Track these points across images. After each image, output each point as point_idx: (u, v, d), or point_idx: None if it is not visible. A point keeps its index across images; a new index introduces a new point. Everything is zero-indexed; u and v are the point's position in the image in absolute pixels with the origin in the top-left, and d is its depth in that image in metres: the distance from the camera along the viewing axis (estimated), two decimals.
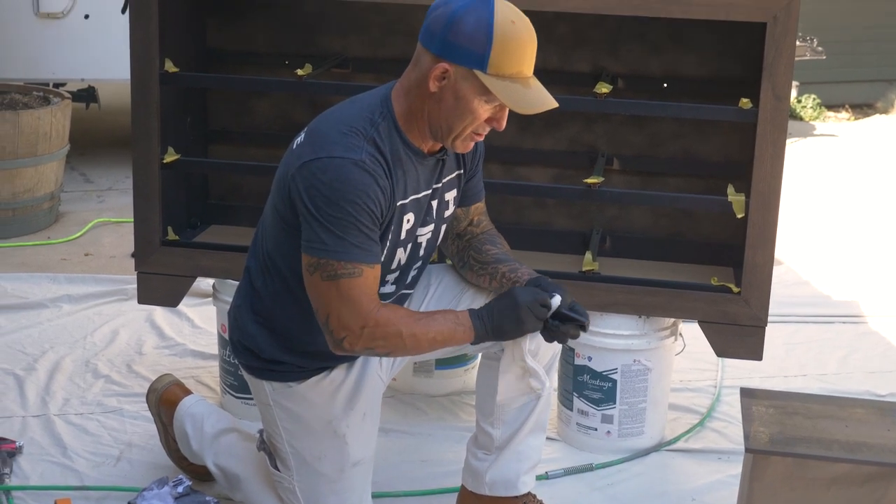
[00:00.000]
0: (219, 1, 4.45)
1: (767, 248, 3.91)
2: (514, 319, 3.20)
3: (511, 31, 3.01)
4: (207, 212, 4.62)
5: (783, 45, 3.77)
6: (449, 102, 3.07)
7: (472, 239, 3.52)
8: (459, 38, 3.01)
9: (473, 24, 3.00)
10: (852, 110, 11.65)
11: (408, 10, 4.38)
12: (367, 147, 3.06)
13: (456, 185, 3.39)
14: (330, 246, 3.05)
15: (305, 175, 3.06)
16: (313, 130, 3.17)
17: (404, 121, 3.15)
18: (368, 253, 3.07)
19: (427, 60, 3.07)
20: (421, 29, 3.10)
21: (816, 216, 7.63)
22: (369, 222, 3.05)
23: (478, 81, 3.03)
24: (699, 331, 4.07)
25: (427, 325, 3.16)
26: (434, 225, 3.35)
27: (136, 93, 4.12)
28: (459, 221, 3.51)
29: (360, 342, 3.12)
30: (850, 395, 4.57)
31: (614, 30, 4.33)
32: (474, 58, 3.01)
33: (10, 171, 6.41)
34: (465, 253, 3.51)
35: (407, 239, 3.26)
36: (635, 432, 4.19)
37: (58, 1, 7.64)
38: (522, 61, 3.05)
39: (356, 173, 3.02)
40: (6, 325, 5.20)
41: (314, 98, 4.54)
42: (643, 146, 4.41)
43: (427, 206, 3.28)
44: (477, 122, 3.10)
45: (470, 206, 3.51)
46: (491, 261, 3.45)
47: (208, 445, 3.75)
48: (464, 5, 3.03)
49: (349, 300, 3.07)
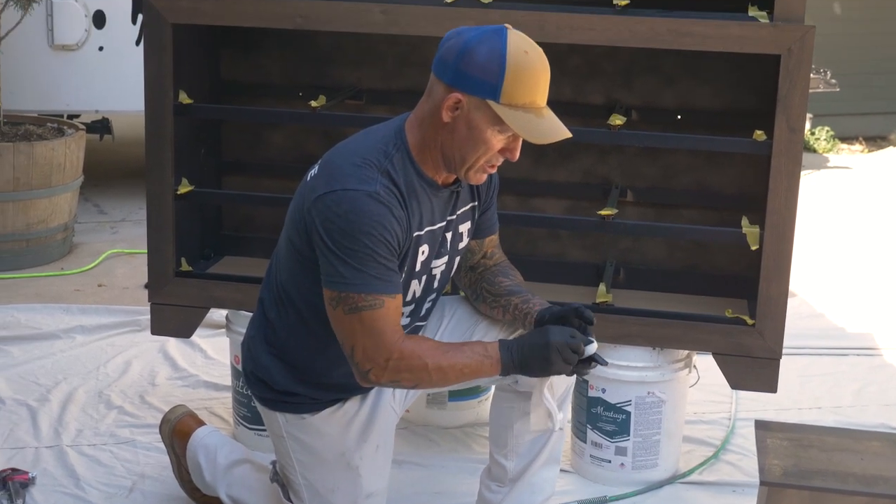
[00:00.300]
0: (233, 33, 4.46)
1: (782, 281, 3.90)
2: (543, 359, 3.14)
3: (524, 61, 3.01)
4: (221, 243, 4.63)
5: (797, 77, 3.76)
6: (462, 133, 3.06)
7: (485, 271, 3.51)
8: (472, 69, 3.00)
9: (486, 53, 3.00)
10: (866, 142, 11.65)
11: (421, 42, 4.39)
12: (381, 179, 3.06)
13: (470, 217, 3.38)
14: (349, 279, 3.03)
15: (320, 208, 3.05)
16: (327, 163, 3.16)
17: (418, 152, 3.14)
18: (388, 283, 3.06)
19: (440, 91, 3.07)
20: (434, 60, 3.10)
21: (831, 248, 7.62)
22: (387, 253, 3.04)
23: (491, 111, 3.02)
24: (713, 362, 4.05)
25: (454, 357, 3.13)
26: (448, 257, 3.34)
27: (150, 124, 4.13)
28: (473, 254, 3.50)
29: (386, 374, 3.09)
30: (866, 427, 4.54)
31: (628, 61, 4.34)
32: (487, 88, 3.00)
33: (25, 203, 6.42)
34: (477, 285, 3.50)
35: (422, 271, 3.25)
36: (649, 464, 4.17)
37: (72, 33, 7.67)
38: (535, 91, 3.04)
39: (371, 205, 3.01)
40: (19, 356, 5.20)
41: (328, 130, 4.55)
42: (657, 178, 4.41)
43: (441, 237, 3.27)
44: (490, 153, 3.09)
45: (484, 239, 3.49)
46: (503, 293, 3.43)
47: (221, 477, 3.74)
48: (476, 36, 3.03)
49: (372, 332, 3.06)
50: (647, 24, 3.82)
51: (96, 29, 7.69)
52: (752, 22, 3.77)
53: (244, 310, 4.21)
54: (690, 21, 3.81)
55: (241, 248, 4.62)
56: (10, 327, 5.52)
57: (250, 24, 4.03)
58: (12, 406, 4.68)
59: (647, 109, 4.37)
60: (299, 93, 4.51)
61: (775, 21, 3.75)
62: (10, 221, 6.41)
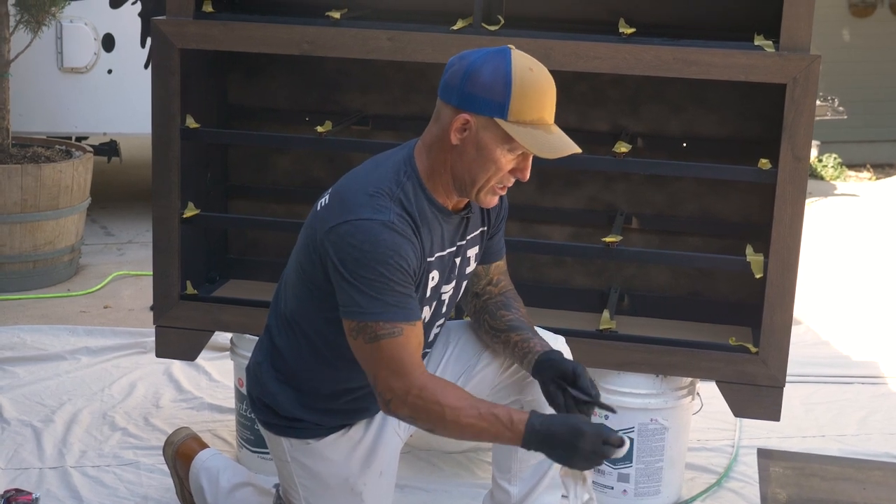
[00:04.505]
0: (241, 58, 4.48)
1: (786, 309, 3.90)
2: (569, 453, 3.01)
3: (530, 77, 3.02)
4: (226, 266, 4.64)
5: (803, 106, 3.77)
6: (471, 154, 3.06)
7: (489, 301, 3.49)
8: (478, 89, 3.01)
9: (491, 73, 3.01)
10: (873, 170, 11.67)
11: (427, 68, 4.41)
12: (394, 208, 3.05)
13: (478, 243, 3.38)
14: (366, 308, 3.02)
15: (334, 239, 3.05)
16: (338, 192, 3.16)
17: (428, 178, 3.14)
18: (407, 311, 3.04)
19: (447, 114, 3.07)
20: (440, 84, 3.11)
21: (837, 276, 7.61)
22: (403, 280, 3.03)
23: (499, 130, 3.02)
24: (716, 389, 4.06)
25: (474, 418, 3.02)
26: (456, 282, 3.34)
27: (157, 148, 4.15)
28: (479, 279, 3.49)
29: (406, 409, 3.05)
30: (869, 456, 4.54)
31: (634, 89, 4.35)
32: (494, 106, 3.00)
33: (32, 224, 6.44)
34: (480, 315, 3.49)
35: (432, 297, 3.25)
36: (652, 492, 4.17)
37: (82, 56, 7.70)
38: (543, 107, 3.04)
39: (386, 234, 3.01)
40: (25, 377, 5.21)
41: (334, 155, 4.56)
42: (662, 205, 4.42)
43: (451, 263, 3.27)
44: (500, 173, 3.08)
45: (490, 265, 3.49)
46: (504, 328, 3.41)
47: (223, 500, 3.75)
48: (481, 57, 3.04)
49: (392, 360, 3.03)
50: (653, 53, 3.84)
51: (105, 52, 7.73)
52: (758, 51, 3.78)
53: (249, 333, 4.23)
54: (696, 49, 3.82)
55: (246, 272, 4.63)
56: (16, 348, 5.53)
57: (258, 49, 4.05)
58: (17, 427, 4.68)
59: (653, 137, 4.38)
60: (306, 118, 4.53)
61: (781, 50, 3.76)
62: (18, 243, 6.43)
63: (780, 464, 3.45)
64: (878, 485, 3.36)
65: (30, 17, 6.68)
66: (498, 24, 3.94)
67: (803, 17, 3.75)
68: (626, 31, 3.88)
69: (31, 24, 6.70)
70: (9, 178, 6.33)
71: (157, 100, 4.12)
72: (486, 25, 3.93)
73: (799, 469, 3.42)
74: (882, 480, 3.39)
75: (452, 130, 3.05)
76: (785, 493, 3.25)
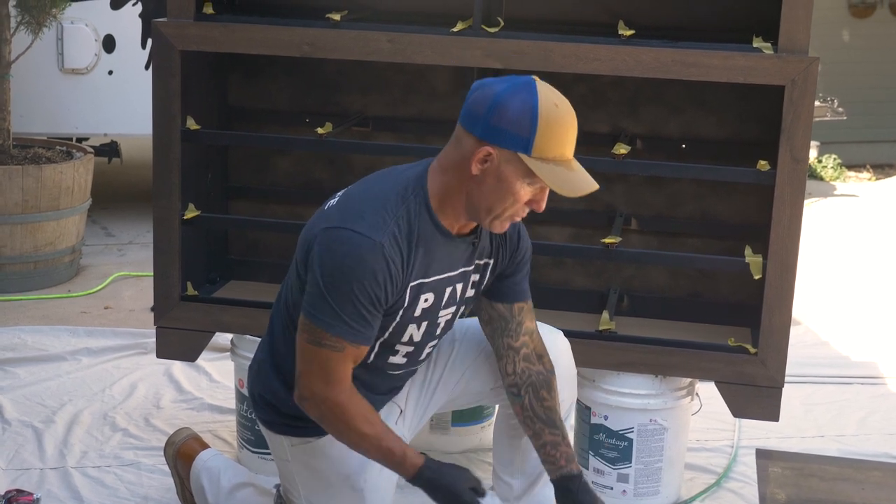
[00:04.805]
0: (241, 59, 4.49)
1: (784, 310, 3.91)
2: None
3: (555, 114, 3.02)
4: (227, 267, 4.65)
5: (801, 107, 3.78)
6: (491, 184, 3.06)
7: (531, 369, 3.43)
8: (504, 122, 3.01)
9: (518, 107, 3.00)
10: (873, 170, 11.68)
11: (427, 70, 4.42)
12: (392, 227, 3.07)
13: (482, 271, 3.36)
14: (323, 316, 3.08)
15: (324, 240, 3.09)
16: (347, 198, 3.19)
17: (437, 200, 3.14)
18: (358, 333, 3.10)
19: (469, 143, 3.06)
20: (461, 111, 3.10)
21: (836, 276, 7.62)
22: (368, 304, 3.07)
23: (522, 164, 3.02)
24: (716, 390, 4.06)
25: (370, 442, 3.17)
26: (455, 307, 3.35)
27: (157, 149, 4.15)
28: (506, 322, 3.44)
29: (315, 412, 3.17)
30: (868, 457, 4.54)
31: (633, 91, 4.36)
32: (519, 141, 3.00)
33: (33, 225, 6.45)
34: (523, 388, 3.43)
35: (423, 317, 3.26)
36: (651, 492, 4.18)
37: (82, 57, 7.71)
38: (565, 144, 3.05)
39: (371, 255, 3.03)
40: (26, 378, 5.22)
41: (334, 156, 4.57)
42: (661, 206, 4.43)
43: (452, 288, 3.28)
44: (517, 205, 3.09)
45: (512, 304, 3.44)
46: (542, 417, 3.40)
47: (224, 500, 3.76)
48: (507, 89, 3.03)
49: (324, 369, 3.12)
50: (653, 55, 3.84)
51: (106, 53, 7.74)
52: (757, 53, 3.79)
53: (249, 334, 4.23)
54: (695, 52, 3.83)
55: (247, 273, 4.64)
56: (17, 349, 5.54)
57: (258, 51, 4.06)
58: (18, 427, 4.69)
59: (652, 138, 4.39)
60: (306, 119, 4.53)
61: (780, 52, 3.77)
62: (18, 244, 6.44)
63: (779, 464, 3.46)
64: (877, 485, 3.37)
65: (31, 19, 6.69)
66: (498, 25, 3.95)
67: (802, 19, 3.76)
68: (625, 32, 3.89)
69: (31, 26, 6.71)
70: (9, 178, 6.34)
71: (157, 101, 4.13)
72: (486, 27, 3.94)
73: (798, 469, 3.43)
74: (881, 481, 3.40)
75: (474, 161, 3.05)
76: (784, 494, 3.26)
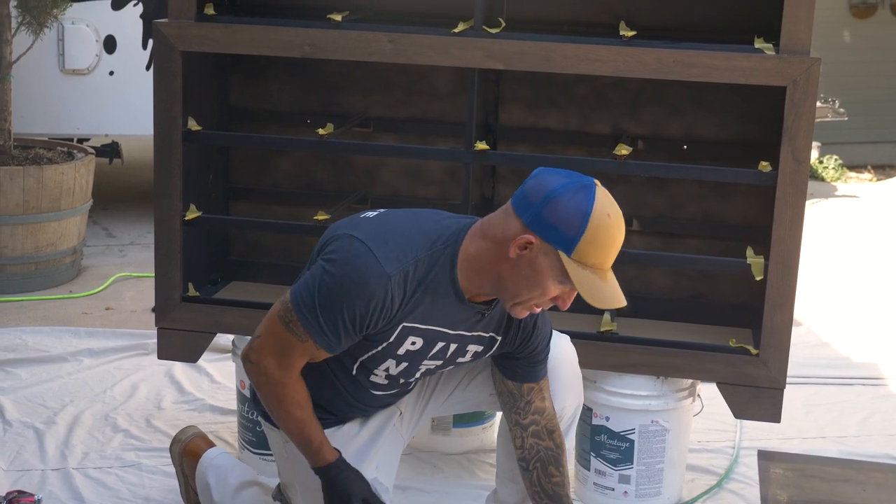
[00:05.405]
0: (242, 60, 4.49)
1: (786, 311, 3.91)
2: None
3: (605, 224, 3.00)
4: (228, 268, 4.65)
5: (803, 108, 3.78)
6: (524, 272, 3.04)
7: (540, 445, 3.46)
8: (554, 218, 2.99)
9: (572, 207, 2.99)
10: (874, 171, 11.68)
11: (429, 70, 4.42)
12: (408, 266, 3.07)
13: (485, 344, 3.34)
14: (304, 307, 3.09)
15: (342, 245, 3.09)
16: (383, 219, 3.19)
17: (465, 261, 3.13)
18: (326, 339, 3.11)
19: (515, 226, 3.04)
20: (517, 192, 3.08)
21: (838, 277, 7.62)
22: (350, 323, 3.08)
23: (559, 263, 3.01)
24: (717, 391, 4.06)
25: (297, 425, 3.24)
26: (442, 363, 3.34)
27: (158, 150, 4.15)
28: (514, 398, 3.45)
29: (255, 378, 3.22)
30: (870, 457, 4.54)
31: (635, 91, 4.36)
32: (563, 240, 2.99)
33: (34, 226, 6.45)
34: (532, 462, 3.46)
35: (406, 358, 3.26)
36: (652, 493, 4.18)
37: (83, 58, 7.71)
38: (607, 256, 3.03)
39: (374, 282, 3.03)
40: (27, 379, 5.22)
41: (335, 157, 4.57)
42: (663, 207, 4.43)
43: (446, 345, 3.27)
44: (543, 298, 3.07)
45: (522, 384, 3.44)
46: (550, 492, 3.45)
47: (230, 498, 3.76)
48: (567, 185, 3.02)
49: (281, 349, 3.16)
50: (654, 55, 3.84)
51: (107, 54, 7.74)
52: (758, 54, 3.79)
53: (251, 335, 4.22)
54: (697, 52, 3.82)
55: (248, 274, 4.64)
56: (18, 350, 5.54)
57: (259, 52, 4.05)
58: (19, 428, 4.69)
59: (654, 139, 4.39)
60: (307, 120, 4.53)
61: (781, 53, 3.77)
62: (20, 244, 6.44)
63: (780, 465, 3.45)
64: (879, 486, 3.37)
65: (31, 19, 6.69)
66: (499, 26, 3.95)
67: (803, 20, 3.76)
68: (626, 33, 3.89)
69: (32, 26, 6.71)
70: (10, 179, 6.34)
71: (158, 102, 4.13)
72: (488, 28, 3.94)
73: (799, 470, 3.43)
74: (882, 482, 3.40)
75: (514, 245, 3.03)
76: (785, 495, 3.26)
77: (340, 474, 3.25)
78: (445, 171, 4.51)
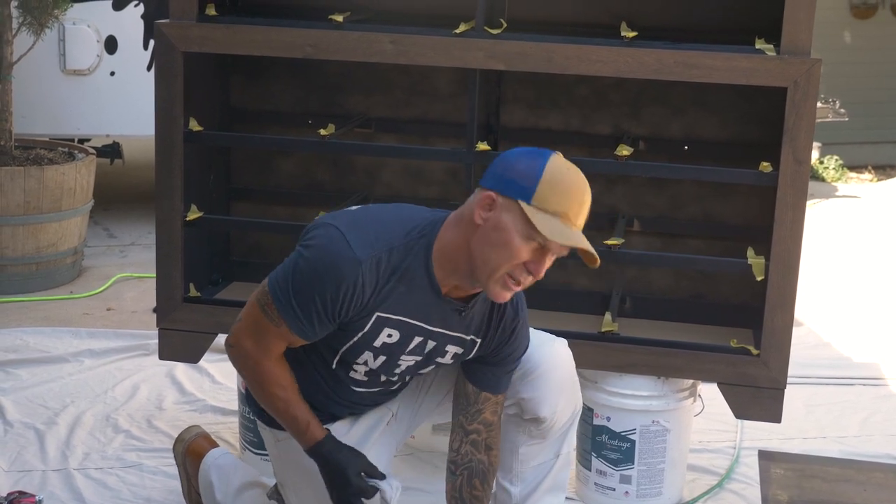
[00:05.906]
0: (243, 61, 4.49)
1: (787, 311, 3.91)
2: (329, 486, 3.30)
3: (563, 172, 3.04)
4: (229, 269, 4.65)
5: (804, 109, 3.78)
6: (491, 236, 3.04)
7: (473, 457, 3.45)
8: (511, 173, 3.04)
9: (528, 161, 3.04)
10: (875, 171, 11.68)
11: (430, 71, 4.42)
12: (380, 253, 3.08)
13: (465, 346, 3.33)
14: (280, 291, 3.12)
15: (318, 231, 3.12)
16: (364, 210, 3.23)
17: (440, 252, 3.14)
18: (300, 325, 3.13)
19: (477, 194, 3.09)
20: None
21: (838, 277, 7.62)
22: (321, 307, 3.09)
23: (522, 215, 3.01)
24: (718, 391, 4.06)
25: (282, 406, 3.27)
26: (421, 359, 3.33)
27: (159, 151, 4.15)
28: (467, 402, 3.43)
29: (236, 363, 3.29)
30: (870, 458, 4.54)
31: (635, 92, 4.36)
32: (521, 189, 3.01)
33: (35, 226, 6.45)
34: (461, 468, 3.46)
35: (384, 350, 3.25)
36: (653, 493, 4.18)
37: (84, 58, 7.72)
38: (570, 203, 3.02)
39: (344, 266, 3.05)
40: (28, 379, 5.22)
41: (337, 157, 4.57)
42: (664, 208, 4.43)
43: (423, 341, 3.26)
44: (514, 261, 3.04)
45: (480, 392, 3.42)
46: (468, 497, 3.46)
47: (232, 498, 3.77)
48: (524, 150, 3.11)
49: (257, 332, 3.19)
50: (655, 56, 3.84)
51: (108, 54, 7.74)
52: (759, 55, 3.79)
53: None
54: (698, 53, 3.83)
55: (249, 274, 4.63)
56: (19, 350, 5.54)
57: (260, 52, 4.06)
58: (20, 429, 4.70)
59: (655, 140, 4.39)
60: (309, 121, 4.53)
61: (782, 54, 3.77)
62: (20, 245, 6.44)
63: (781, 465, 3.45)
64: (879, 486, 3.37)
65: (32, 20, 6.69)
66: (500, 27, 3.95)
67: (804, 21, 3.76)
68: (627, 34, 3.89)
69: (33, 27, 6.71)
70: (11, 180, 6.34)
71: (160, 102, 4.13)
72: (489, 29, 3.94)
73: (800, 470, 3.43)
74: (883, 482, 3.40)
75: (478, 208, 3.06)
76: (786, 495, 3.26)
77: (333, 450, 3.27)
78: (447, 172, 4.52)
